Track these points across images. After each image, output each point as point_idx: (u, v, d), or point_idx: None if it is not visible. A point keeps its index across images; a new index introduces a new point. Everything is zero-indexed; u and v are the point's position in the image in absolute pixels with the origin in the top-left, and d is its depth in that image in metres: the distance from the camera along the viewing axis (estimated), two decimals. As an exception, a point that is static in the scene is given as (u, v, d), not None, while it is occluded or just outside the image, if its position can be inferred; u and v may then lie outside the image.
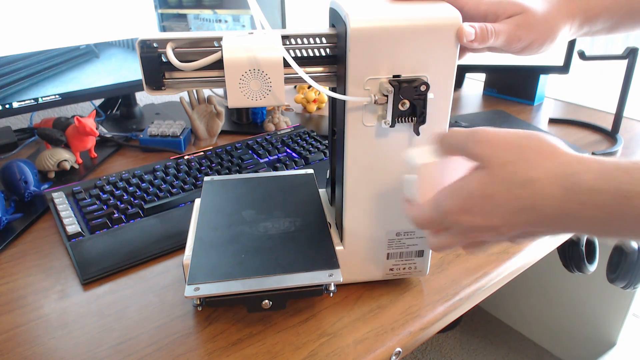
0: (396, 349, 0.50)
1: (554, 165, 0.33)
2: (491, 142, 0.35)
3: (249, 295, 0.47)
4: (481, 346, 1.58)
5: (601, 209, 0.30)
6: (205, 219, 0.56)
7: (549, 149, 0.34)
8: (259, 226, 0.55)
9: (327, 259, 0.50)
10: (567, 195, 0.32)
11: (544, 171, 0.33)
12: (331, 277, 0.48)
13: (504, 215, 0.35)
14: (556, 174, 0.32)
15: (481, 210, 0.35)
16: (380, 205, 0.52)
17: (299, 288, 0.48)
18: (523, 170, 0.33)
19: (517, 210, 0.34)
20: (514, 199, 0.34)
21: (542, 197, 0.33)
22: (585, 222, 0.32)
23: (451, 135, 0.39)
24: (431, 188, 0.41)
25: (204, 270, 0.49)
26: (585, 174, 0.31)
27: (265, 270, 0.48)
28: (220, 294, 0.47)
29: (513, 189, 0.34)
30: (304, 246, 0.52)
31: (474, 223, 0.36)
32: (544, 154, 0.34)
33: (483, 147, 0.36)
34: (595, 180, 0.31)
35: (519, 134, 0.35)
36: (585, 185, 0.31)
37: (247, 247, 0.52)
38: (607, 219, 0.31)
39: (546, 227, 0.34)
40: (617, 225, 0.30)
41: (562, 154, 0.33)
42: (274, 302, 0.48)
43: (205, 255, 0.51)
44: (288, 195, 0.61)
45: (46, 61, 0.84)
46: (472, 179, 0.36)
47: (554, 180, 0.32)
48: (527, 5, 0.44)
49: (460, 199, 0.36)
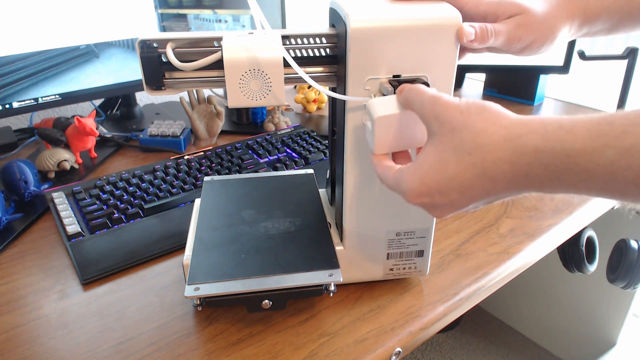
0: (396, 349, 0.50)
1: (499, 129, 0.34)
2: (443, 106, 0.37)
3: (249, 295, 0.47)
4: (481, 346, 1.58)
5: (547, 167, 0.32)
6: (205, 219, 0.56)
7: (492, 114, 0.35)
8: (259, 226, 0.55)
9: (327, 259, 0.50)
10: (515, 157, 0.33)
11: (490, 136, 0.34)
12: (331, 277, 0.48)
13: (460, 188, 0.36)
14: (503, 137, 0.33)
15: (438, 188, 0.36)
16: (380, 205, 0.52)
17: (299, 288, 0.48)
18: (470, 136, 0.35)
19: (472, 178, 0.35)
20: (466, 167, 0.35)
21: (492, 162, 0.34)
22: (535, 181, 0.33)
23: (413, 91, 0.40)
24: (386, 139, 0.42)
25: (204, 270, 0.49)
26: (530, 135, 0.33)
27: (265, 270, 0.48)
28: (220, 294, 0.47)
29: (464, 157, 0.35)
30: (304, 246, 0.52)
31: (432, 203, 0.38)
32: (488, 120, 0.35)
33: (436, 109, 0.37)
34: (540, 141, 0.32)
35: (466, 101, 0.36)
36: (531, 146, 0.32)
37: (247, 247, 0.52)
38: (554, 177, 0.32)
39: (500, 192, 0.35)
40: (563, 182, 0.32)
41: (506, 117, 0.35)
42: (274, 302, 0.49)
43: (205, 255, 0.51)
44: (288, 195, 0.61)
45: (46, 61, 0.84)
46: (427, 154, 0.37)
47: (501, 144, 0.33)
48: (526, 6, 0.44)
49: (417, 182, 0.37)
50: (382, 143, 0.42)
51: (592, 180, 0.31)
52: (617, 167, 0.29)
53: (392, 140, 0.42)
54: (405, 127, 0.42)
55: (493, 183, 0.34)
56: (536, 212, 0.72)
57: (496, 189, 0.35)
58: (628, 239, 1.00)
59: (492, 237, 0.66)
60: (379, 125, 0.41)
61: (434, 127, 0.37)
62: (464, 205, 0.37)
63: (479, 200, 0.36)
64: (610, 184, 0.30)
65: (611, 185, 0.30)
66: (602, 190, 0.31)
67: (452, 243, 0.65)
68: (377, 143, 0.42)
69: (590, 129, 0.30)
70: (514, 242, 0.65)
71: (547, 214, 0.71)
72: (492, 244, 0.65)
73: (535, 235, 0.67)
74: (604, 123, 0.30)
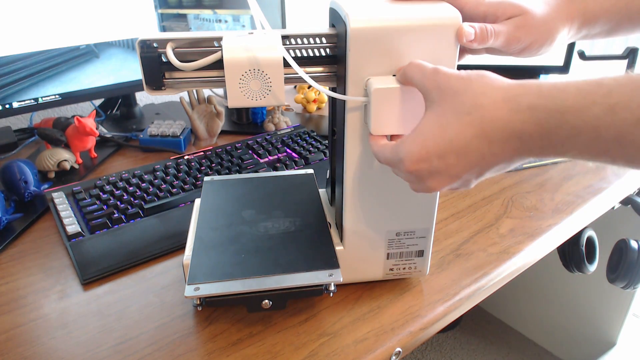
0: (396, 349, 0.50)
1: (498, 91, 0.35)
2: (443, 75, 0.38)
3: (249, 295, 0.47)
4: (481, 346, 1.58)
5: (541, 125, 0.33)
6: (205, 219, 0.56)
7: (491, 79, 0.37)
8: (259, 226, 0.55)
9: (327, 258, 0.50)
10: (510, 115, 0.34)
11: (489, 97, 0.35)
12: (331, 277, 0.48)
13: (458, 149, 0.37)
14: (501, 97, 0.35)
15: (437, 151, 0.37)
16: (380, 205, 0.52)
17: (299, 288, 0.48)
18: (469, 98, 0.36)
19: (470, 139, 0.36)
20: (465, 127, 0.36)
21: (489, 120, 0.35)
22: (528, 143, 0.34)
23: (413, 66, 0.41)
24: (383, 116, 0.42)
25: (204, 270, 0.49)
26: (525, 95, 0.34)
27: (265, 270, 0.48)
28: (220, 293, 0.47)
29: (463, 117, 0.36)
30: (304, 246, 0.52)
31: (429, 169, 0.38)
32: (488, 84, 0.36)
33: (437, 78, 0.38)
34: (534, 99, 0.34)
35: (467, 72, 0.38)
36: (525, 104, 0.34)
37: (247, 247, 0.52)
38: (545, 135, 0.33)
39: (495, 157, 0.36)
40: (552, 140, 0.33)
41: (505, 81, 0.36)
42: (274, 302, 0.49)
43: (205, 255, 0.51)
44: (288, 195, 0.61)
45: (46, 61, 0.84)
46: (427, 120, 0.38)
47: (499, 104, 0.35)
48: (526, 7, 0.44)
49: (418, 146, 0.38)
50: (379, 120, 0.43)
51: (579, 137, 0.32)
52: (601, 123, 0.31)
53: (389, 118, 0.43)
54: (402, 105, 0.42)
55: (489, 145, 0.36)
56: (536, 212, 0.72)
57: (491, 152, 0.36)
58: (628, 239, 1.00)
59: (492, 237, 0.66)
60: (376, 99, 0.42)
61: (434, 96, 0.38)
62: (460, 173, 0.38)
63: (474, 165, 0.37)
64: (595, 142, 0.32)
65: (596, 143, 0.32)
66: (587, 149, 0.32)
67: (452, 243, 0.65)
68: (374, 120, 0.43)
69: (580, 88, 0.32)
70: (514, 242, 0.65)
71: (547, 214, 0.71)
72: (492, 244, 0.65)
73: (535, 235, 0.67)
74: (594, 83, 0.32)
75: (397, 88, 0.42)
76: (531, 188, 0.78)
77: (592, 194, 0.76)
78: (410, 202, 0.52)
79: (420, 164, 0.38)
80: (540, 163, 0.85)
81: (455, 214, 0.71)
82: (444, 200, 0.75)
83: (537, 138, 0.34)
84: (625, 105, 0.30)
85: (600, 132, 0.31)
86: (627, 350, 1.39)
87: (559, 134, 0.33)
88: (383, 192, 0.51)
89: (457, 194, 0.76)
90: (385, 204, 0.52)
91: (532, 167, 0.84)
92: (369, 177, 0.50)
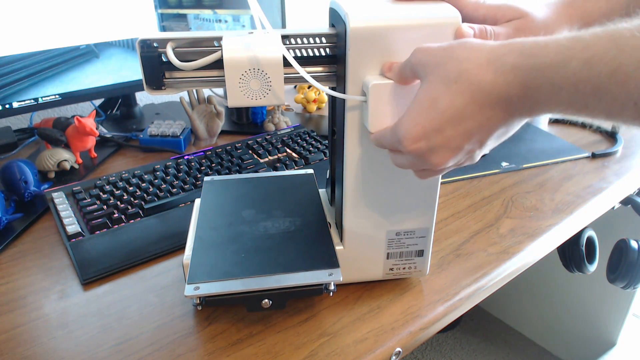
0: (396, 349, 0.50)
1: (481, 54, 0.35)
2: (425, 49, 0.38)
3: (249, 294, 0.47)
4: (481, 346, 1.58)
5: (524, 84, 0.33)
6: (205, 219, 0.56)
7: (474, 44, 0.36)
8: (259, 226, 0.55)
9: (327, 258, 0.50)
10: (496, 77, 0.34)
11: (473, 61, 0.35)
12: (331, 277, 0.48)
13: (452, 119, 0.36)
14: (485, 59, 0.35)
15: (432, 125, 0.37)
16: (380, 205, 0.52)
17: (298, 287, 0.48)
18: (454, 65, 0.36)
19: (462, 107, 0.36)
20: (454, 95, 0.36)
21: (477, 84, 0.35)
22: (515, 103, 0.35)
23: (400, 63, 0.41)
24: (381, 113, 0.43)
25: (204, 269, 0.49)
26: (508, 55, 0.34)
27: (265, 270, 0.48)
28: (220, 293, 0.47)
29: (451, 85, 0.36)
30: (303, 245, 0.52)
31: (429, 146, 0.38)
32: (470, 48, 0.36)
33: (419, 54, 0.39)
34: (517, 58, 0.34)
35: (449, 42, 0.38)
36: (509, 64, 0.34)
37: (247, 246, 0.52)
38: (530, 94, 0.34)
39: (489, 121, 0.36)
40: (538, 99, 0.34)
41: (487, 44, 0.36)
42: (274, 301, 0.48)
43: (205, 255, 0.51)
44: (288, 195, 0.61)
45: (46, 61, 0.84)
46: (418, 97, 0.38)
47: (483, 67, 0.35)
48: (526, 10, 0.44)
49: (412, 124, 0.38)
50: (377, 117, 0.43)
51: (561, 94, 0.32)
52: (578, 78, 0.31)
53: (387, 115, 0.43)
54: (400, 101, 0.42)
55: (481, 108, 0.36)
56: (536, 212, 0.72)
57: (485, 117, 0.36)
58: (628, 239, 1.00)
59: (492, 237, 0.66)
60: (374, 95, 0.42)
61: (422, 73, 0.38)
62: (460, 144, 0.38)
63: (472, 134, 0.37)
64: (575, 97, 0.32)
65: (575, 98, 0.32)
66: (570, 104, 0.33)
67: (452, 243, 0.65)
68: (372, 117, 0.43)
69: (561, 43, 0.32)
70: (514, 242, 0.65)
71: (547, 214, 0.71)
72: (492, 244, 0.65)
73: (535, 235, 0.67)
74: (574, 37, 0.32)
75: (395, 84, 0.42)
76: (531, 188, 0.78)
77: (592, 194, 0.76)
78: (410, 202, 0.52)
79: (419, 142, 0.38)
80: (540, 163, 0.85)
81: (455, 214, 0.71)
82: (444, 200, 0.75)
83: (523, 97, 0.34)
84: (600, 58, 0.30)
85: (579, 86, 0.31)
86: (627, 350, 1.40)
87: (541, 92, 0.33)
88: (383, 192, 0.51)
89: (457, 194, 0.76)
90: (385, 204, 0.52)
91: (532, 167, 0.84)
92: (369, 177, 0.50)
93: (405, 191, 0.51)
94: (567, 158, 0.86)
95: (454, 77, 0.36)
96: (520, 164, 0.84)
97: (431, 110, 0.37)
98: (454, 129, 0.37)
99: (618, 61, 0.29)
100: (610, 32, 0.30)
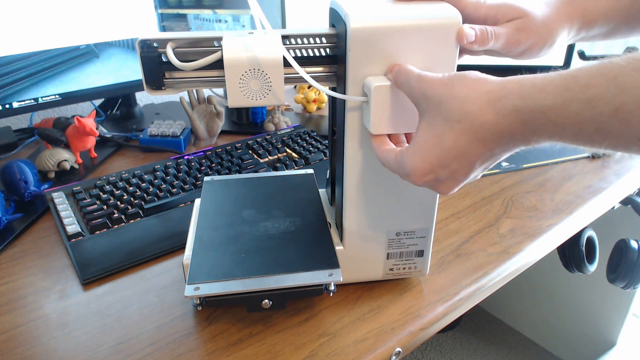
0: (396, 349, 0.50)
1: (481, 94, 0.36)
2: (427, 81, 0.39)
3: (249, 295, 0.48)
4: (481, 346, 1.58)
5: (526, 124, 0.35)
6: (205, 219, 0.56)
7: (473, 81, 0.38)
8: (259, 226, 0.55)
9: (327, 258, 0.50)
10: (498, 119, 0.36)
11: (474, 102, 0.36)
12: (331, 277, 0.48)
13: (458, 156, 0.38)
14: (486, 101, 0.36)
15: (439, 162, 0.39)
16: (380, 205, 0.52)
17: (298, 288, 0.48)
18: (456, 105, 0.37)
19: (466, 145, 0.37)
20: (458, 135, 0.37)
21: (479, 126, 0.36)
22: (519, 138, 0.36)
23: (401, 73, 0.42)
24: (383, 114, 0.43)
25: (204, 269, 0.49)
26: (509, 96, 0.35)
27: (265, 270, 0.49)
28: (220, 293, 0.47)
29: (454, 125, 0.37)
30: (303, 246, 0.52)
31: (437, 179, 0.40)
32: (470, 87, 0.37)
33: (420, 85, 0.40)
34: (517, 100, 0.35)
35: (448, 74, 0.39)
36: (510, 107, 0.35)
37: (247, 246, 0.52)
38: (533, 132, 0.35)
39: (492, 152, 0.38)
40: (541, 135, 0.35)
41: (486, 83, 0.37)
42: (274, 301, 0.49)
43: (205, 255, 0.51)
44: (288, 195, 0.61)
45: (46, 61, 0.84)
46: (422, 132, 0.40)
47: (485, 109, 0.36)
48: (526, 10, 0.44)
49: (419, 161, 0.39)
50: (378, 119, 0.43)
51: (564, 132, 0.34)
52: (581, 118, 0.32)
53: (389, 116, 0.43)
54: (402, 103, 0.42)
55: (484, 145, 0.37)
56: (536, 212, 0.72)
57: (489, 149, 0.37)
58: (628, 239, 1.00)
59: (492, 237, 0.66)
60: (376, 97, 0.42)
61: (422, 105, 0.40)
62: (466, 174, 0.39)
63: (476, 165, 0.39)
64: (579, 135, 0.33)
65: (580, 136, 0.33)
66: (574, 140, 0.34)
67: (452, 243, 0.65)
68: (374, 118, 0.43)
69: (558, 85, 0.33)
70: (514, 242, 0.65)
71: (547, 214, 0.71)
72: (492, 244, 0.65)
73: (535, 235, 0.67)
74: (570, 78, 0.33)
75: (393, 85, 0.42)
76: (531, 188, 0.78)
77: (592, 194, 0.76)
78: (410, 202, 0.52)
79: (427, 177, 0.40)
80: (540, 163, 0.85)
81: (455, 214, 0.71)
82: (444, 200, 0.75)
83: (526, 134, 0.36)
84: (600, 98, 0.31)
85: (582, 126, 0.32)
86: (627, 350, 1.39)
87: (544, 130, 0.34)
88: (383, 192, 0.51)
89: (457, 194, 0.76)
90: (385, 204, 0.52)
91: (532, 167, 0.84)
92: (369, 177, 0.50)
93: (405, 191, 0.51)
94: (567, 158, 0.86)
95: (456, 118, 0.37)
96: (520, 164, 0.84)
97: (436, 147, 0.38)
98: (459, 163, 0.38)
99: (619, 100, 0.30)
100: (606, 71, 0.31)
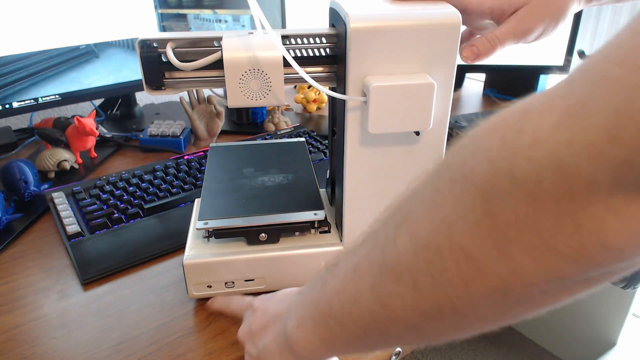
0: (396, 349, 0.50)
1: (271, 338, 0.40)
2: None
3: (249, 228, 0.54)
4: (481, 346, 1.58)
5: (312, 350, 0.35)
6: (212, 175, 0.63)
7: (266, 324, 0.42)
8: (257, 180, 0.62)
9: (313, 202, 0.57)
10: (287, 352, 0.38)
11: (267, 343, 0.40)
12: (316, 216, 0.55)
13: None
14: (272, 340, 0.39)
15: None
16: (380, 206, 0.52)
17: (289, 224, 0.54)
18: (258, 342, 0.42)
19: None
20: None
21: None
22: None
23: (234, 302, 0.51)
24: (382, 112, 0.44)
25: (212, 210, 0.55)
26: (291, 332, 0.37)
27: (262, 210, 0.55)
28: (225, 226, 0.53)
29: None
30: (294, 194, 0.59)
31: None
32: (264, 329, 0.41)
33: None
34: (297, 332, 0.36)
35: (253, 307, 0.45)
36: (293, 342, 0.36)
37: (247, 194, 0.59)
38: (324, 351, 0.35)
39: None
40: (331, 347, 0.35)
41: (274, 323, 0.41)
42: (269, 235, 0.54)
43: (213, 200, 0.57)
44: (282, 157, 0.68)
45: (46, 61, 0.84)
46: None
47: (274, 347, 0.39)
48: None
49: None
50: (377, 118, 0.43)
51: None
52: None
53: (387, 116, 0.43)
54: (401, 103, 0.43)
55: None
56: (536, 212, 0.71)
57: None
58: (628, 239, 0.99)
59: (492, 237, 0.66)
60: (375, 97, 0.42)
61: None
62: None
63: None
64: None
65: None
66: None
67: (452, 243, 0.65)
68: (372, 118, 0.43)
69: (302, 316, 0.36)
70: (514, 242, 0.65)
71: (547, 214, 0.71)
72: (492, 244, 0.65)
73: (535, 235, 0.66)
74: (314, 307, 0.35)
75: (396, 86, 0.42)
76: (531, 188, 0.78)
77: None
78: (410, 202, 0.52)
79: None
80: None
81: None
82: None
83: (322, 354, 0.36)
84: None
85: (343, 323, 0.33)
86: (627, 350, 1.39)
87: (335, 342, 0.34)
88: (383, 192, 0.51)
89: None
90: (385, 204, 0.52)
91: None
92: (369, 177, 0.50)
93: (405, 191, 0.51)
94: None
95: (257, 355, 0.42)
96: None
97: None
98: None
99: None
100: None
